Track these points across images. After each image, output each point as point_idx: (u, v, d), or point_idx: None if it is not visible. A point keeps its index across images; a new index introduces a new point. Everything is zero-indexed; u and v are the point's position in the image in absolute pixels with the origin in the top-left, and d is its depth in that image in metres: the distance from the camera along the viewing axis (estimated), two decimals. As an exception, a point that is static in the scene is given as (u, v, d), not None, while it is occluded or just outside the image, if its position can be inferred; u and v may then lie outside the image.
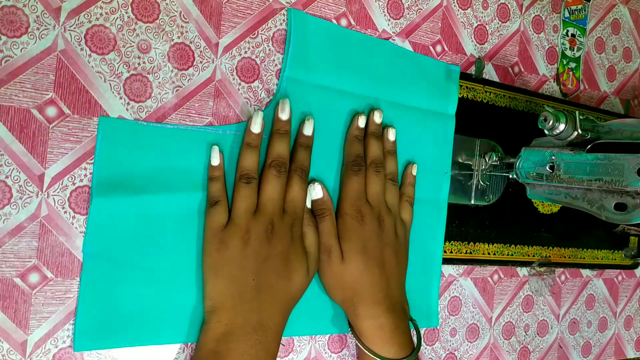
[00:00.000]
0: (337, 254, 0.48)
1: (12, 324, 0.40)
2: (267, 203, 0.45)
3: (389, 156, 0.53)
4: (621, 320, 0.78)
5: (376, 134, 0.52)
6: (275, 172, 0.46)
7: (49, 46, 0.40)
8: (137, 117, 0.44)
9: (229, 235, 0.44)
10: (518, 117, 0.64)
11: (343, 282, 0.48)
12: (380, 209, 0.51)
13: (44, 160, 0.41)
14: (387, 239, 0.50)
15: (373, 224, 0.49)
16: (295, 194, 0.47)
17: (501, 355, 0.65)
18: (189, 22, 0.46)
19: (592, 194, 0.52)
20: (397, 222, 0.52)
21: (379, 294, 0.48)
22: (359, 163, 0.50)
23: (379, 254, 0.49)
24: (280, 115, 0.47)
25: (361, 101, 0.53)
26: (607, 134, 0.51)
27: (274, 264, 0.44)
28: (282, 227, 0.45)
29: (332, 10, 0.52)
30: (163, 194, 0.44)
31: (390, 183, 0.52)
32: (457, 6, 0.60)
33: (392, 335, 0.48)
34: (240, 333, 0.42)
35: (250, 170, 0.45)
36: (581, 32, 0.71)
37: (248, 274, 0.43)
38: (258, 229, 0.44)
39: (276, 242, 0.45)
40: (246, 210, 0.44)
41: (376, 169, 0.51)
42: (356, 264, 0.48)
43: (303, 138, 0.48)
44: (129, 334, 0.43)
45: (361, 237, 0.49)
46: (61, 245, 0.41)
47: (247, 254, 0.43)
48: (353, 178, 0.50)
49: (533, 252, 0.66)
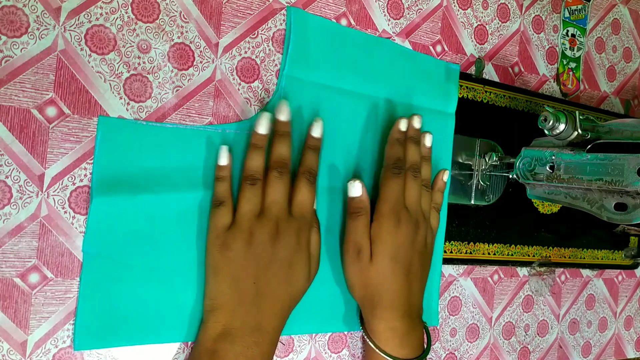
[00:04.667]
0: (367, 254, 0.48)
1: (12, 324, 0.40)
2: (271, 205, 0.44)
3: (424, 162, 0.53)
4: (621, 320, 0.78)
5: (415, 139, 0.52)
6: (277, 173, 0.45)
7: (49, 46, 0.40)
8: (137, 117, 0.44)
9: (232, 238, 0.43)
10: (518, 117, 0.64)
11: (367, 283, 0.48)
12: (417, 216, 0.50)
13: (44, 160, 0.41)
14: (419, 246, 0.50)
15: (409, 229, 0.49)
16: (303, 197, 0.46)
17: (501, 355, 0.65)
18: (189, 22, 0.46)
19: (592, 194, 0.52)
20: (428, 229, 0.52)
21: (400, 300, 0.48)
22: (399, 166, 0.49)
23: (408, 261, 0.49)
24: (279, 117, 0.46)
25: (361, 99, 0.53)
26: (607, 134, 0.51)
27: (277, 269, 0.44)
28: (288, 231, 0.45)
29: (332, 10, 0.52)
30: (163, 193, 0.44)
31: (425, 189, 0.52)
32: (457, 6, 0.60)
33: (404, 339, 0.48)
34: (238, 334, 0.42)
35: (255, 171, 0.45)
36: (581, 32, 0.71)
37: (249, 278, 0.43)
38: (262, 232, 0.44)
39: (280, 246, 0.44)
40: (250, 213, 0.44)
41: (414, 174, 0.50)
42: (384, 268, 0.48)
43: (311, 140, 0.48)
44: (129, 333, 0.43)
45: (395, 242, 0.48)
46: (61, 245, 0.41)
47: (249, 258, 0.43)
48: (394, 180, 0.49)
49: (533, 252, 0.66)
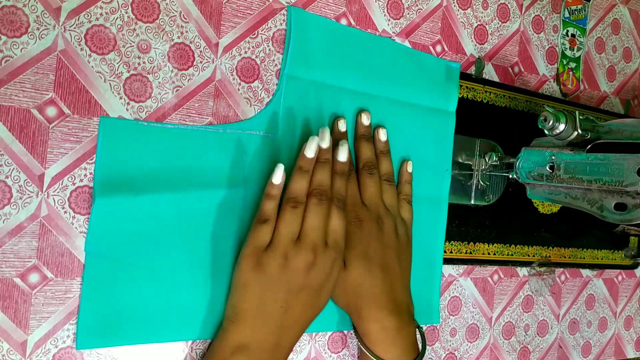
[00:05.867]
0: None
1: (12, 324, 0.40)
2: (310, 232, 0.44)
3: (382, 157, 0.52)
4: (621, 320, 0.78)
5: (366, 136, 0.52)
6: (317, 200, 0.45)
7: (49, 46, 0.40)
8: (137, 117, 0.44)
9: (268, 259, 0.43)
10: (518, 117, 0.64)
11: (346, 289, 0.48)
12: (378, 211, 0.50)
13: (44, 160, 0.41)
14: (388, 240, 0.50)
15: (372, 227, 0.49)
16: (336, 225, 0.46)
17: (501, 355, 0.65)
18: (189, 22, 0.46)
19: (592, 194, 0.52)
20: (398, 222, 0.52)
21: (383, 297, 0.48)
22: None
23: (381, 257, 0.49)
24: (321, 144, 0.46)
25: (361, 98, 0.53)
26: (607, 134, 0.51)
27: (306, 296, 0.44)
28: (324, 261, 0.44)
29: (332, 10, 0.52)
30: (164, 193, 0.44)
31: (387, 184, 0.52)
32: (457, 6, 0.60)
33: (396, 338, 0.48)
34: (257, 350, 0.43)
35: (299, 194, 0.45)
36: (581, 32, 0.71)
37: (278, 301, 0.43)
38: (298, 259, 0.43)
39: (314, 275, 0.44)
40: (289, 237, 0.44)
41: (369, 172, 0.50)
42: (358, 269, 0.48)
43: (338, 165, 0.47)
44: (131, 332, 0.43)
45: (361, 242, 0.48)
46: (61, 245, 0.41)
47: (281, 282, 0.43)
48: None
49: (533, 252, 0.66)
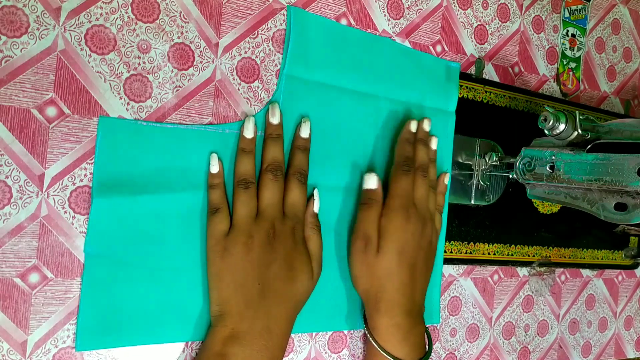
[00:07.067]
0: (374, 246, 0.49)
1: (12, 324, 0.40)
2: (267, 208, 0.45)
3: (431, 164, 0.54)
4: (621, 320, 0.78)
5: (425, 141, 0.53)
6: (272, 176, 0.46)
7: (49, 46, 0.40)
8: (137, 117, 0.44)
9: (232, 242, 0.44)
10: (518, 117, 0.64)
11: (372, 275, 0.49)
12: (425, 213, 0.51)
13: (44, 160, 0.41)
14: (424, 243, 0.51)
15: (417, 226, 0.50)
16: (295, 197, 0.47)
17: (501, 355, 0.65)
18: (189, 22, 0.46)
19: (592, 194, 0.52)
20: (433, 229, 0.52)
21: (403, 296, 0.49)
22: (409, 164, 0.51)
23: (414, 257, 0.49)
24: (271, 120, 0.47)
25: (361, 98, 0.53)
26: (607, 134, 0.51)
27: (278, 268, 0.44)
28: (284, 231, 0.45)
29: (332, 10, 0.52)
30: (164, 193, 0.44)
31: (432, 190, 0.53)
32: (457, 6, 0.60)
33: (406, 337, 0.48)
34: (247, 337, 0.42)
35: (247, 175, 0.46)
36: (581, 32, 0.71)
37: (252, 280, 0.43)
38: (260, 234, 0.44)
39: (278, 246, 0.45)
40: (247, 216, 0.44)
41: (423, 174, 0.52)
42: (390, 261, 0.48)
43: (300, 141, 0.48)
44: (131, 333, 0.43)
45: (403, 236, 0.49)
46: (61, 245, 0.41)
47: (250, 260, 0.44)
48: (403, 177, 0.50)
49: (533, 252, 0.66)
